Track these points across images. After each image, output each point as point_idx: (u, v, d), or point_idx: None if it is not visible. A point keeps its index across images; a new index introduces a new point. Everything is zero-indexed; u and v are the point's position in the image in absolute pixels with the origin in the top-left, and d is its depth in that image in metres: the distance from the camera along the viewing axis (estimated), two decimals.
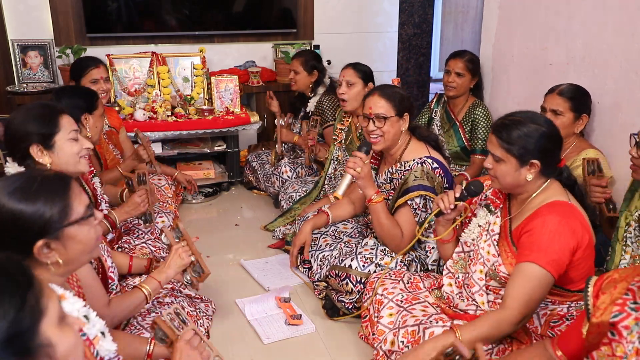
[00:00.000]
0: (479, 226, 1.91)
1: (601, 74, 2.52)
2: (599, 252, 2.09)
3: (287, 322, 2.36)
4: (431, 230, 2.24)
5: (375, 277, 2.17)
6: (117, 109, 3.63)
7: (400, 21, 4.86)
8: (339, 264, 2.34)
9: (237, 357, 2.17)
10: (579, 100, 2.42)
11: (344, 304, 2.34)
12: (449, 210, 1.91)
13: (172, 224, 2.68)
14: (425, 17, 5.00)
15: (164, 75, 3.87)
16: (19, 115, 1.81)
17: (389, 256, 2.28)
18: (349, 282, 2.28)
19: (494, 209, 1.90)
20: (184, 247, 1.97)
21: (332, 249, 2.56)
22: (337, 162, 3.20)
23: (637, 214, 1.96)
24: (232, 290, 2.62)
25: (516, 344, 1.75)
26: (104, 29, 3.98)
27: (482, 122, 3.19)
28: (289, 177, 3.52)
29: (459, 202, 1.91)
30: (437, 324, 1.82)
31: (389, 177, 2.37)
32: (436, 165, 2.27)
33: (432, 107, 3.47)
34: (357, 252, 2.33)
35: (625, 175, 2.10)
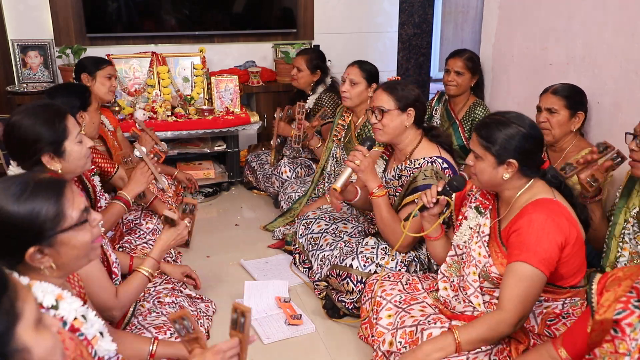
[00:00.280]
0: (470, 228, 1.92)
1: (601, 74, 2.52)
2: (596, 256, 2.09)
3: (287, 322, 2.37)
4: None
5: (374, 279, 2.17)
6: (117, 108, 3.63)
7: (400, 21, 4.86)
8: (339, 264, 2.34)
9: None
10: (574, 98, 2.43)
11: (344, 303, 2.35)
12: (431, 204, 1.93)
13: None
14: (425, 17, 5.00)
15: (164, 75, 3.87)
16: (25, 119, 1.74)
17: (389, 256, 2.28)
18: (349, 281, 2.28)
19: (483, 210, 1.91)
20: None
21: (332, 248, 2.56)
22: (335, 160, 3.19)
23: (635, 210, 1.97)
24: (232, 290, 2.62)
25: (514, 344, 1.75)
26: (104, 29, 3.98)
27: None
28: (288, 177, 3.52)
29: (441, 196, 1.93)
30: (435, 325, 1.83)
31: (398, 174, 2.37)
32: (446, 165, 2.26)
33: (432, 104, 3.48)
34: (358, 252, 2.33)
35: (624, 174, 2.10)
